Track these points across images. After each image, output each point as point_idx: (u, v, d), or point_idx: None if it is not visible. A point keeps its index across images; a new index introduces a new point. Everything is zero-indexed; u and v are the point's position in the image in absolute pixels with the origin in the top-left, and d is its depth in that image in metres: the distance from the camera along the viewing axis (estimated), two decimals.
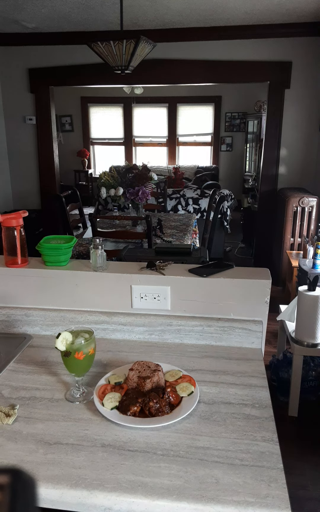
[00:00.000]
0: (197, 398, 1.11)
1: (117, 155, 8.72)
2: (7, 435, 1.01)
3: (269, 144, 4.36)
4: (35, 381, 1.23)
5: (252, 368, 1.29)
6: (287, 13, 3.57)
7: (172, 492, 0.86)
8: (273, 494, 0.85)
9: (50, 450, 0.97)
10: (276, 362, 2.67)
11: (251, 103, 7.46)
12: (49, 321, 1.49)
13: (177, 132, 8.49)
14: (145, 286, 1.44)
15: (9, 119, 4.74)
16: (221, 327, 1.40)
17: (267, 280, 1.40)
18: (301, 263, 3.41)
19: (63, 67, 4.45)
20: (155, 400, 1.06)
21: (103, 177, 3.49)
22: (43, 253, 1.49)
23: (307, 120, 4.22)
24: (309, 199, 3.91)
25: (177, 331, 1.43)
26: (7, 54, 4.51)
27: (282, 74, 4.12)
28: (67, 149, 8.22)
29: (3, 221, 1.44)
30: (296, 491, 1.89)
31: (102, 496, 0.85)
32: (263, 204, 4.55)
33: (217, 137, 8.30)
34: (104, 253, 1.47)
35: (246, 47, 4.13)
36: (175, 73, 4.33)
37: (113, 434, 1.01)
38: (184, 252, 1.74)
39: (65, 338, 1.11)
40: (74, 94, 8.16)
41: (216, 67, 4.23)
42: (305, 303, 2.27)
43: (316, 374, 2.53)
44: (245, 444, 0.98)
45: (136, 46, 2.59)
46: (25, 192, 4.95)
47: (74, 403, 1.13)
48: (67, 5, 3.37)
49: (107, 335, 1.47)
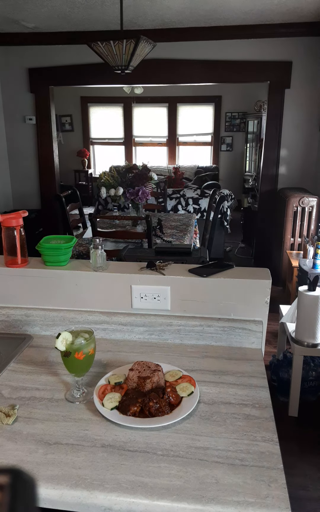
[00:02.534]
0: (197, 398, 1.11)
1: (117, 155, 8.72)
2: (7, 435, 1.01)
3: (269, 144, 4.36)
4: (35, 381, 1.23)
5: (252, 368, 1.29)
6: (287, 13, 3.57)
7: (172, 492, 0.85)
8: (273, 495, 0.85)
9: (50, 450, 0.97)
10: (276, 362, 2.67)
11: (251, 103, 7.46)
12: (49, 321, 1.49)
13: (177, 132, 8.49)
14: (145, 286, 1.44)
15: (9, 119, 4.73)
16: (221, 327, 1.40)
17: (267, 280, 1.39)
18: (301, 263, 3.41)
19: (63, 67, 4.45)
20: (155, 400, 1.06)
21: (103, 177, 3.49)
22: (43, 253, 1.49)
23: (307, 120, 4.22)
24: (309, 199, 3.91)
25: (177, 331, 1.43)
26: (7, 54, 4.51)
27: (282, 74, 4.12)
28: (67, 149, 8.21)
29: (3, 221, 1.44)
30: (296, 491, 1.89)
31: (102, 496, 0.85)
32: (263, 204, 4.55)
33: (217, 137, 8.30)
34: (104, 253, 1.47)
35: (246, 47, 4.13)
36: (175, 73, 4.33)
37: (113, 434, 1.01)
38: (184, 252, 1.74)
39: (65, 338, 1.11)
40: (74, 94, 8.16)
41: (216, 67, 4.23)
42: (305, 303, 2.27)
43: (316, 374, 2.53)
44: (245, 444, 0.98)
45: (136, 46, 2.59)
46: (25, 192, 4.95)
47: (74, 403, 1.13)
48: (67, 5, 3.37)
49: (107, 335, 1.47)
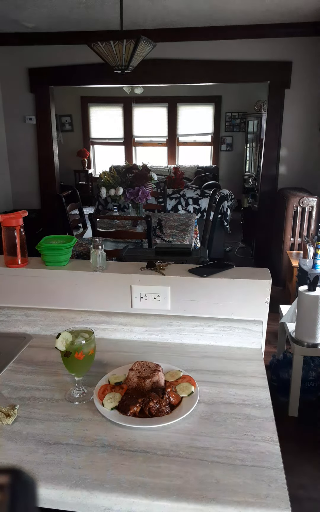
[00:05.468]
0: (197, 398, 1.11)
1: (117, 155, 8.72)
2: (7, 435, 1.01)
3: (269, 144, 4.36)
4: (35, 381, 1.23)
5: (252, 368, 1.29)
6: (288, 13, 3.57)
7: (172, 492, 0.85)
8: (273, 494, 0.85)
9: (50, 450, 0.97)
10: (276, 362, 2.67)
11: (251, 103, 7.46)
12: (49, 321, 1.49)
13: (177, 132, 8.49)
14: (145, 286, 1.44)
15: (9, 119, 4.73)
16: (221, 327, 1.40)
17: (267, 280, 1.39)
18: (301, 263, 3.41)
19: (63, 67, 4.45)
20: (155, 400, 1.06)
21: (103, 177, 3.49)
22: (43, 253, 1.49)
23: (307, 120, 4.22)
24: (309, 199, 3.91)
25: (177, 331, 1.43)
26: (7, 54, 4.51)
27: (282, 74, 4.12)
28: (67, 149, 8.21)
29: (3, 221, 1.44)
30: (296, 491, 1.88)
31: (102, 497, 0.85)
32: (263, 204, 4.55)
33: (217, 137, 8.30)
34: (104, 253, 1.47)
35: (246, 47, 4.13)
36: (175, 73, 4.33)
37: (113, 434, 1.01)
38: (184, 252, 1.74)
39: (65, 338, 1.11)
40: (74, 94, 8.16)
41: (216, 67, 4.23)
42: (305, 303, 2.27)
43: (316, 374, 2.53)
44: (245, 444, 0.98)
45: (136, 46, 2.58)
46: (25, 192, 4.95)
47: (74, 403, 1.13)
48: (67, 5, 3.37)
49: (107, 335, 1.47)
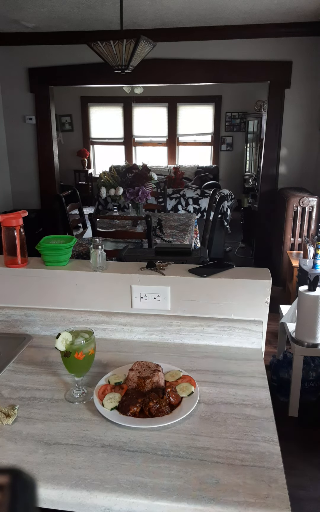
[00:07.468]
0: (197, 399, 1.10)
1: (117, 155, 8.72)
2: (7, 435, 1.01)
3: (269, 144, 4.36)
4: (35, 381, 1.23)
5: (252, 369, 1.29)
6: (287, 12, 3.57)
7: (172, 492, 0.85)
8: (273, 495, 0.85)
9: (50, 451, 0.97)
10: (276, 362, 2.67)
11: (251, 103, 7.45)
12: (49, 321, 1.49)
13: (177, 132, 8.48)
14: (145, 286, 1.44)
15: (9, 119, 4.73)
16: (221, 327, 1.40)
17: (267, 280, 1.39)
18: (302, 263, 3.41)
19: (63, 67, 4.45)
20: (155, 401, 1.06)
21: (103, 177, 3.49)
22: (43, 253, 1.49)
23: (307, 120, 4.22)
24: (309, 199, 3.91)
25: (177, 331, 1.43)
26: (7, 54, 4.50)
27: (282, 74, 4.12)
28: (67, 149, 8.21)
29: (3, 221, 1.44)
30: (296, 491, 1.88)
31: (102, 497, 0.85)
32: (263, 204, 4.55)
33: (217, 137, 8.30)
34: (104, 253, 1.47)
35: (246, 47, 4.13)
36: (175, 73, 4.33)
37: (113, 435, 1.01)
38: (184, 252, 1.74)
39: (65, 338, 1.10)
40: (74, 94, 8.16)
41: (216, 67, 4.23)
42: (305, 303, 2.27)
43: (316, 374, 2.53)
44: (245, 444, 0.98)
45: (136, 46, 2.59)
46: (25, 192, 4.95)
47: (74, 404, 1.13)
48: (67, 5, 3.37)
49: (107, 335, 1.47)
